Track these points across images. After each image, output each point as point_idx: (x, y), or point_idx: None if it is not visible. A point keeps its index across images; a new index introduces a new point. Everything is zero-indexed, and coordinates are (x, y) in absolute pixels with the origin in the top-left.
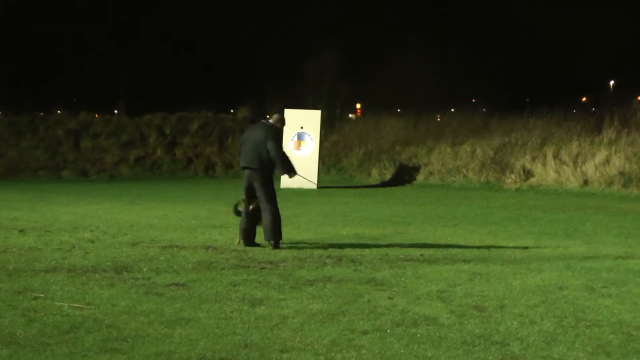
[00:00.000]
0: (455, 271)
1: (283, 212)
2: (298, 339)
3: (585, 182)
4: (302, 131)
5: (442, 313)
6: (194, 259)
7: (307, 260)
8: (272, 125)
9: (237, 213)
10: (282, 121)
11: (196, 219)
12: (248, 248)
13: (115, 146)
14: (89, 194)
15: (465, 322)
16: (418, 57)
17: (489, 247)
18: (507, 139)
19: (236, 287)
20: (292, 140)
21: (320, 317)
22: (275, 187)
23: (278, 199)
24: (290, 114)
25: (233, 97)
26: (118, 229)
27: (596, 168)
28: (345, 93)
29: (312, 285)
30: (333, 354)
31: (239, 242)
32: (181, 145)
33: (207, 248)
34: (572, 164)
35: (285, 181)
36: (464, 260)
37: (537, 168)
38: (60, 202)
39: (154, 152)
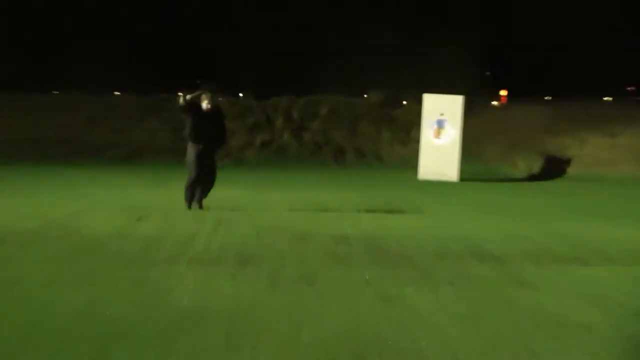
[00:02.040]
0: (615, 274)
1: (422, 203)
2: (436, 342)
3: None
4: (442, 118)
5: (597, 321)
6: (323, 250)
7: (447, 256)
8: None
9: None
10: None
11: (325, 208)
12: (380, 242)
13: (241, 130)
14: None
15: (626, 332)
16: (586, 34)
17: None
18: None
19: (368, 283)
20: (431, 128)
21: (461, 319)
22: (411, 177)
23: (414, 190)
24: (428, 100)
25: (364, 80)
26: (244, 217)
27: None
28: (490, 78)
29: (452, 284)
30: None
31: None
32: (310, 130)
33: (336, 239)
34: None
35: (423, 173)
36: (626, 264)
37: None
38: (181, 187)
39: (281, 136)
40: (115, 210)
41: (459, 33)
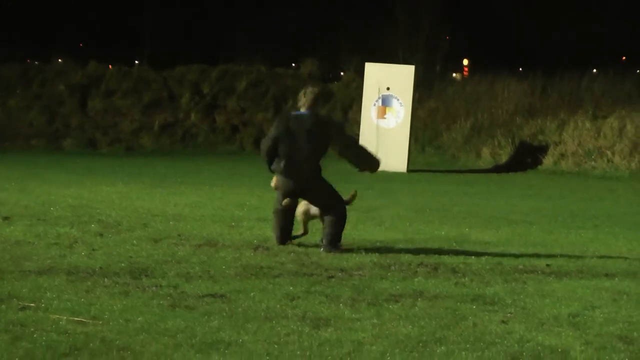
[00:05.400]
0: (594, 289)
1: (359, 202)
2: None
3: None
4: (388, 94)
5: (574, 344)
6: (238, 262)
7: (392, 268)
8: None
9: None
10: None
11: (242, 209)
12: (310, 250)
13: (135, 108)
14: (98, 172)
15: (607, 358)
16: None
17: None
18: None
19: (294, 302)
20: (374, 105)
21: (409, 344)
22: (349, 168)
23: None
24: (372, 70)
25: (294, 46)
26: (136, 220)
27: None
28: (449, 44)
29: (397, 301)
30: None
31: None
32: (224, 109)
33: (255, 248)
34: None
35: None
36: (606, 275)
37: None
38: (60, 182)
39: (187, 118)
40: None
41: None
